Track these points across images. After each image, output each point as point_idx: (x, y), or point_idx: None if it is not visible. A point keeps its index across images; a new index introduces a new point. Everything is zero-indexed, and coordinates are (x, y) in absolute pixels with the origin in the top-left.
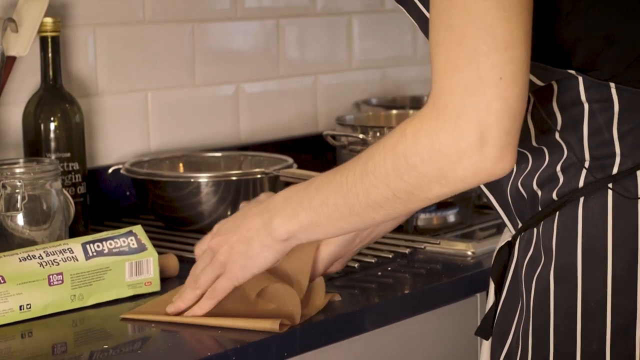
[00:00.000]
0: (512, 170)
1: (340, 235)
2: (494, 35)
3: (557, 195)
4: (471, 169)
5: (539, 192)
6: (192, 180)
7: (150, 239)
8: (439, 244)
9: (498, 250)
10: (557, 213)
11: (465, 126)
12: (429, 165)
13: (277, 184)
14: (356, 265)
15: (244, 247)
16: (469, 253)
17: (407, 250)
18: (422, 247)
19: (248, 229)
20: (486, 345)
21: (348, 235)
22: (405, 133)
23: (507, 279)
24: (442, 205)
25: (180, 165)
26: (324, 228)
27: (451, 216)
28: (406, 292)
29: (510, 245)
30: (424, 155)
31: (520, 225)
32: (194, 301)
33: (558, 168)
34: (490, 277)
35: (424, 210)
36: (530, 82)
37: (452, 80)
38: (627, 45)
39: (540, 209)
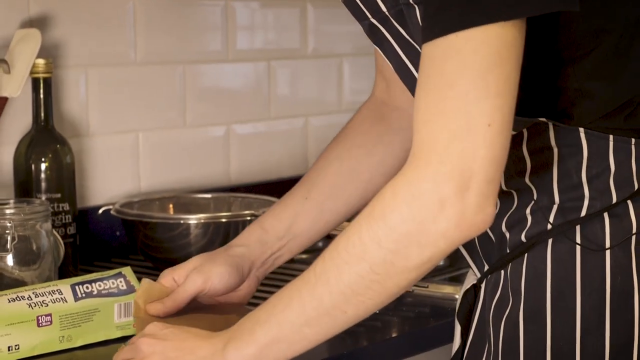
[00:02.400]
0: None
1: (300, 353)
2: (487, 81)
3: (525, 237)
4: (453, 220)
5: (507, 234)
6: (181, 221)
7: (140, 279)
8: (427, 287)
9: (464, 293)
10: (526, 255)
11: (448, 172)
12: (408, 221)
13: None
14: None
15: None
16: (457, 296)
17: None
18: (411, 290)
19: (192, 351)
20: None
21: (231, 264)
22: (383, 192)
23: (473, 321)
24: None
25: (171, 206)
26: (286, 343)
27: None
28: (394, 335)
29: (475, 287)
30: (402, 210)
31: (486, 267)
32: None
33: (527, 211)
34: (457, 319)
35: None
36: None
37: (436, 126)
38: (601, 100)
39: (508, 250)
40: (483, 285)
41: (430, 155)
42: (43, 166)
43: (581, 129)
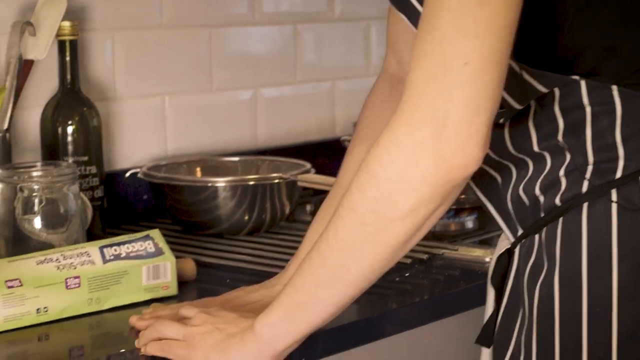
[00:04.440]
0: (512, 178)
1: (324, 318)
2: (465, 21)
3: (560, 201)
4: (431, 162)
5: (542, 198)
6: (209, 184)
7: (168, 242)
8: (457, 250)
9: (498, 258)
10: (561, 219)
11: (423, 115)
12: (388, 167)
13: (294, 189)
14: None
15: (221, 338)
16: (487, 260)
17: (425, 256)
18: (441, 253)
19: (237, 323)
20: (486, 354)
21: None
22: (372, 146)
23: (507, 286)
24: (460, 211)
25: (198, 169)
26: (307, 307)
27: (469, 222)
28: (425, 298)
29: (509, 252)
30: (382, 157)
31: (520, 232)
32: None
33: (561, 173)
34: (490, 284)
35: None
36: (534, 88)
37: (416, 71)
38: (630, 55)
39: (542, 215)
40: (517, 250)
41: (409, 101)
42: (70, 129)
43: (614, 86)
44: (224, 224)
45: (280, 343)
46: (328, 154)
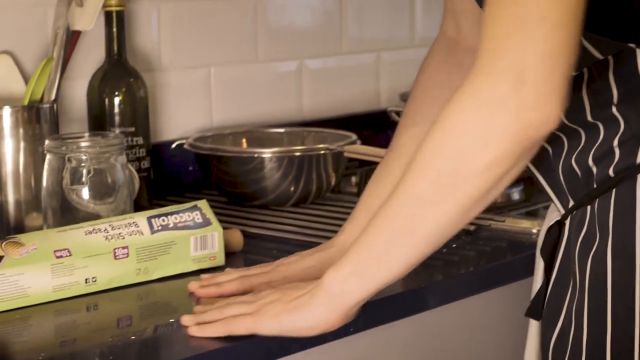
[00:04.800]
0: (564, 148)
1: (394, 276)
2: None
3: (613, 172)
4: (513, 114)
5: (595, 169)
6: (255, 155)
7: (215, 213)
8: (504, 221)
9: (548, 229)
10: (614, 190)
11: (502, 68)
12: (464, 124)
13: (340, 160)
14: None
15: (289, 302)
16: (534, 231)
17: (472, 228)
18: (487, 224)
19: (304, 287)
20: (534, 326)
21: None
22: (446, 103)
23: (557, 258)
24: None
25: (244, 140)
26: (379, 264)
27: (515, 194)
28: (471, 269)
29: (559, 224)
30: (461, 114)
31: (572, 203)
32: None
33: (615, 143)
34: (541, 256)
35: None
36: (589, 54)
37: (493, 25)
38: None
39: (595, 185)
40: (568, 222)
41: (486, 54)
42: (116, 100)
43: None
44: (270, 195)
45: (351, 297)
46: (373, 126)
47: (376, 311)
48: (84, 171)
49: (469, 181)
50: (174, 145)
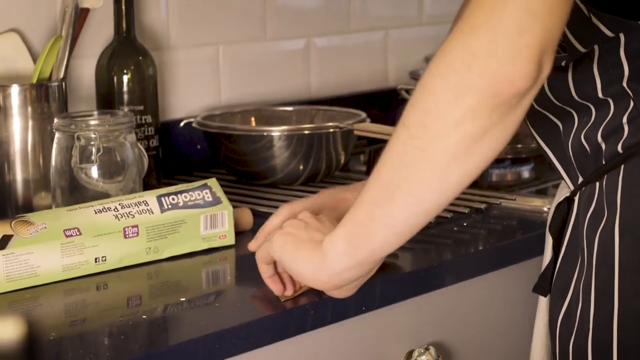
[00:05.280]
0: (574, 124)
1: (381, 242)
2: None
3: (622, 148)
4: (477, 70)
5: (603, 145)
6: (265, 134)
7: (224, 192)
8: (514, 199)
9: (557, 206)
10: (622, 166)
11: (475, 21)
12: (437, 78)
13: (350, 138)
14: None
15: (305, 237)
16: (545, 209)
17: (482, 206)
18: (498, 202)
19: (323, 231)
20: (543, 302)
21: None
22: None
23: (566, 234)
24: (517, 160)
25: (252, 119)
26: (379, 223)
27: (525, 172)
28: (481, 248)
29: (568, 200)
30: (433, 68)
31: (581, 179)
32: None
33: (624, 119)
34: (550, 232)
35: (498, 165)
36: (600, 32)
37: None
38: None
39: (604, 162)
40: (577, 198)
41: (467, 11)
42: (125, 78)
43: None
44: (279, 173)
45: (340, 264)
46: (381, 104)
47: (388, 289)
48: (93, 149)
49: (440, 139)
50: (182, 124)
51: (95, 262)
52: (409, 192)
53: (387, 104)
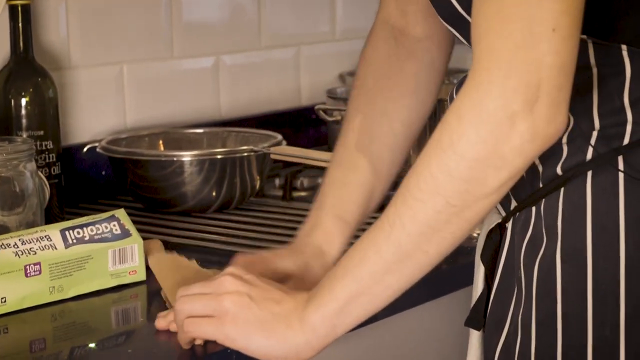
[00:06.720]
0: None
1: (387, 304)
2: None
3: (561, 170)
4: (527, 135)
5: (540, 167)
6: (174, 159)
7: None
8: None
9: (488, 233)
10: (562, 189)
11: (514, 86)
12: (479, 145)
13: (265, 162)
14: None
15: (262, 316)
16: (475, 235)
17: None
18: None
19: (277, 301)
20: (476, 336)
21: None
22: (446, 119)
23: (499, 264)
24: None
25: (161, 142)
26: (369, 296)
27: None
28: None
29: (500, 227)
30: (471, 135)
31: (514, 204)
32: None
33: (563, 140)
34: (481, 261)
35: None
36: None
37: (497, 37)
38: None
39: (541, 185)
40: (510, 224)
41: (493, 70)
42: (24, 101)
43: (624, 46)
44: (191, 201)
45: (333, 336)
46: (295, 124)
47: None
48: None
49: (481, 201)
50: (85, 149)
51: None
52: (438, 254)
53: (300, 123)
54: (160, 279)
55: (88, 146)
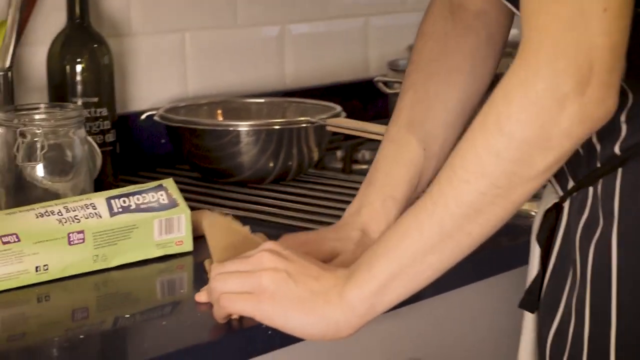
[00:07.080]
0: None
1: (427, 284)
2: None
3: (619, 150)
4: (576, 118)
5: (598, 147)
6: (231, 128)
7: (186, 191)
8: None
9: (545, 213)
10: (620, 169)
11: (564, 67)
12: (527, 126)
13: (323, 134)
14: None
15: (300, 293)
16: (533, 213)
17: None
18: None
19: (316, 278)
20: (530, 319)
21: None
22: (493, 99)
23: (555, 245)
24: None
25: (219, 112)
26: (408, 275)
27: None
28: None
29: (557, 207)
30: (519, 116)
31: (572, 184)
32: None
33: (622, 118)
34: (536, 242)
35: None
36: None
37: (547, 16)
38: None
39: (599, 165)
40: (567, 205)
41: (543, 50)
42: (79, 67)
43: None
44: (247, 171)
45: (372, 314)
46: (360, 96)
47: None
48: (38, 146)
49: (527, 183)
50: (143, 117)
51: (36, 271)
52: (481, 235)
53: (367, 96)
54: (209, 239)
55: (146, 114)
